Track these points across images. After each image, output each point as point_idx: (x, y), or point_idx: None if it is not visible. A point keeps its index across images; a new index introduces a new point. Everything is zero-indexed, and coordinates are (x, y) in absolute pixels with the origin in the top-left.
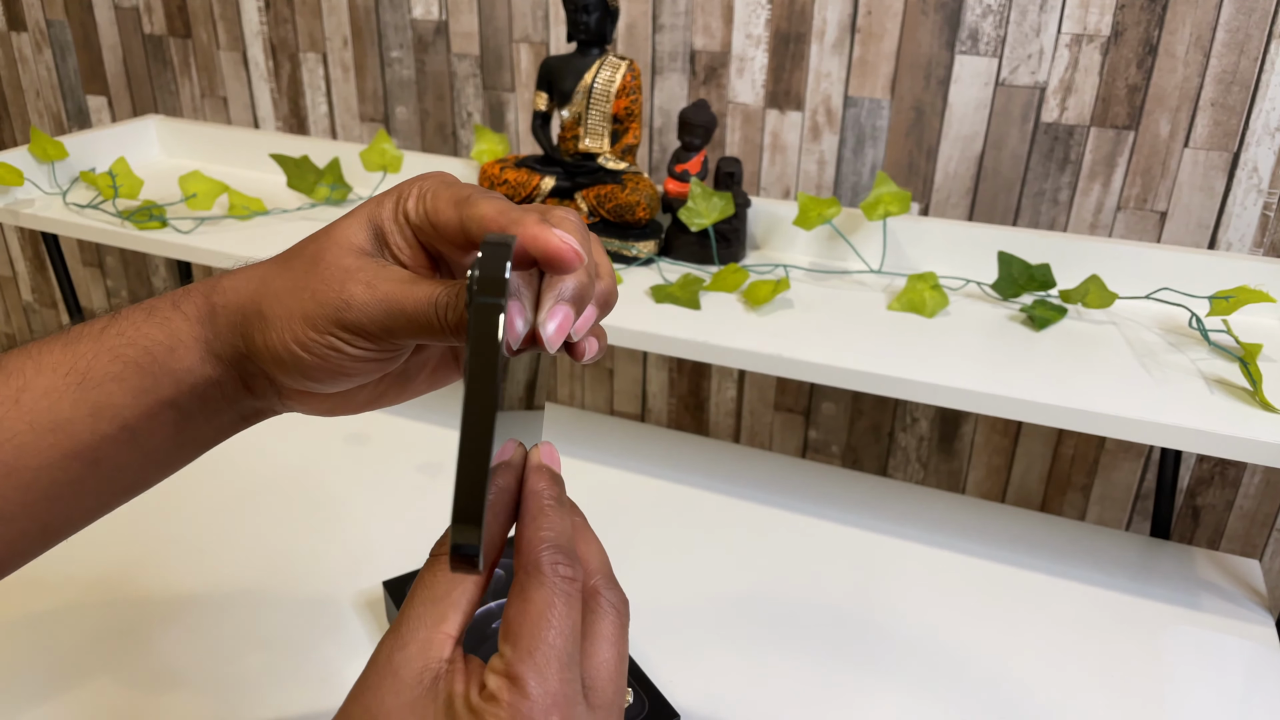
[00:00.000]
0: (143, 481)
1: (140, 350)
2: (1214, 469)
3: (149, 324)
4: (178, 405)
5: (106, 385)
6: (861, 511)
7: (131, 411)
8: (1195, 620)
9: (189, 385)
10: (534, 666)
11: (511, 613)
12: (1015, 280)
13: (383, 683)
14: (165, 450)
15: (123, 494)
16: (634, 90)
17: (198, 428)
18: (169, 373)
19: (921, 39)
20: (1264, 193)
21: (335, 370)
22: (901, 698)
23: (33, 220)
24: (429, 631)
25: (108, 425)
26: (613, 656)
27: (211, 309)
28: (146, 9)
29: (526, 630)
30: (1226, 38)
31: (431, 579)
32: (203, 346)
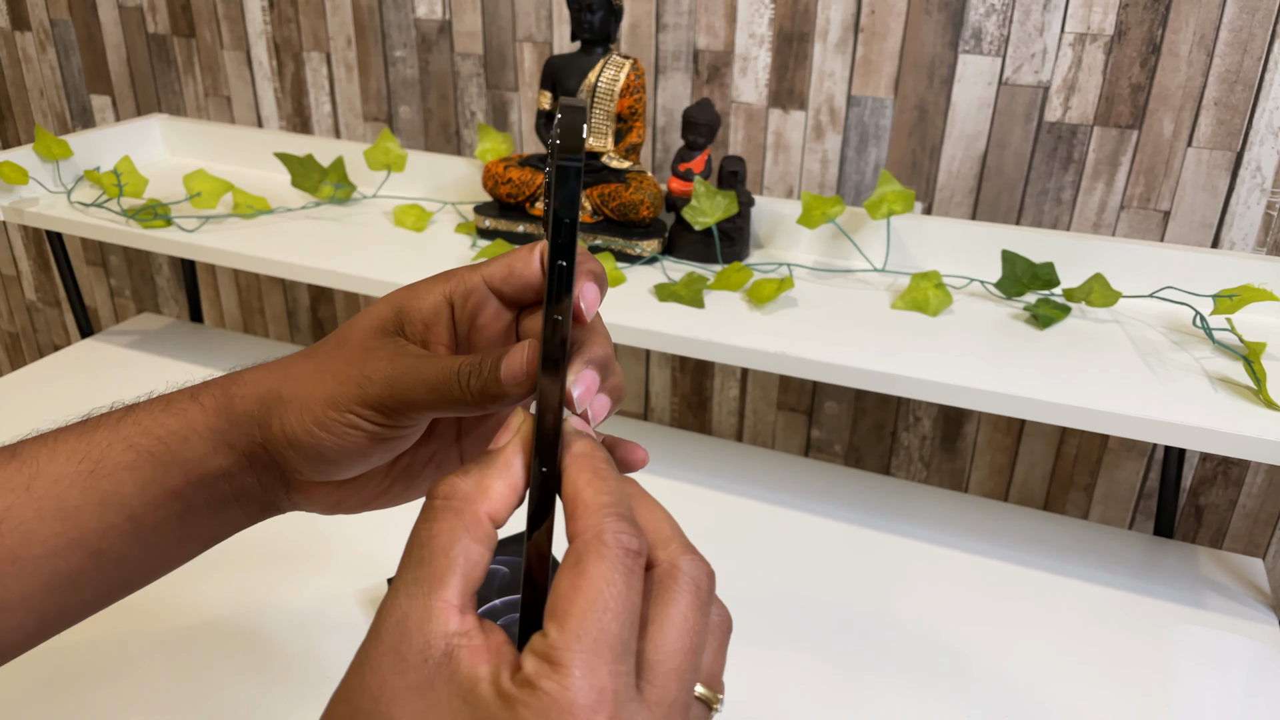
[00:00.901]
0: (141, 577)
1: (154, 440)
2: (1217, 468)
3: (166, 414)
4: (184, 497)
5: (117, 474)
6: (864, 510)
7: (139, 501)
8: (1199, 619)
9: (197, 476)
10: (583, 653)
11: (563, 586)
12: (1019, 279)
13: (383, 660)
14: (167, 544)
15: (120, 589)
16: (638, 89)
17: (201, 522)
18: (180, 463)
19: (925, 38)
20: (1267, 192)
21: (351, 451)
22: (905, 696)
23: (37, 219)
24: (426, 600)
25: (114, 515)
26: (682, 644)
27: (229, 400)
28: (150, 8)
29: (578, 609)
30: (1230, 37)
31: (427, 532)
32: (216, 437)
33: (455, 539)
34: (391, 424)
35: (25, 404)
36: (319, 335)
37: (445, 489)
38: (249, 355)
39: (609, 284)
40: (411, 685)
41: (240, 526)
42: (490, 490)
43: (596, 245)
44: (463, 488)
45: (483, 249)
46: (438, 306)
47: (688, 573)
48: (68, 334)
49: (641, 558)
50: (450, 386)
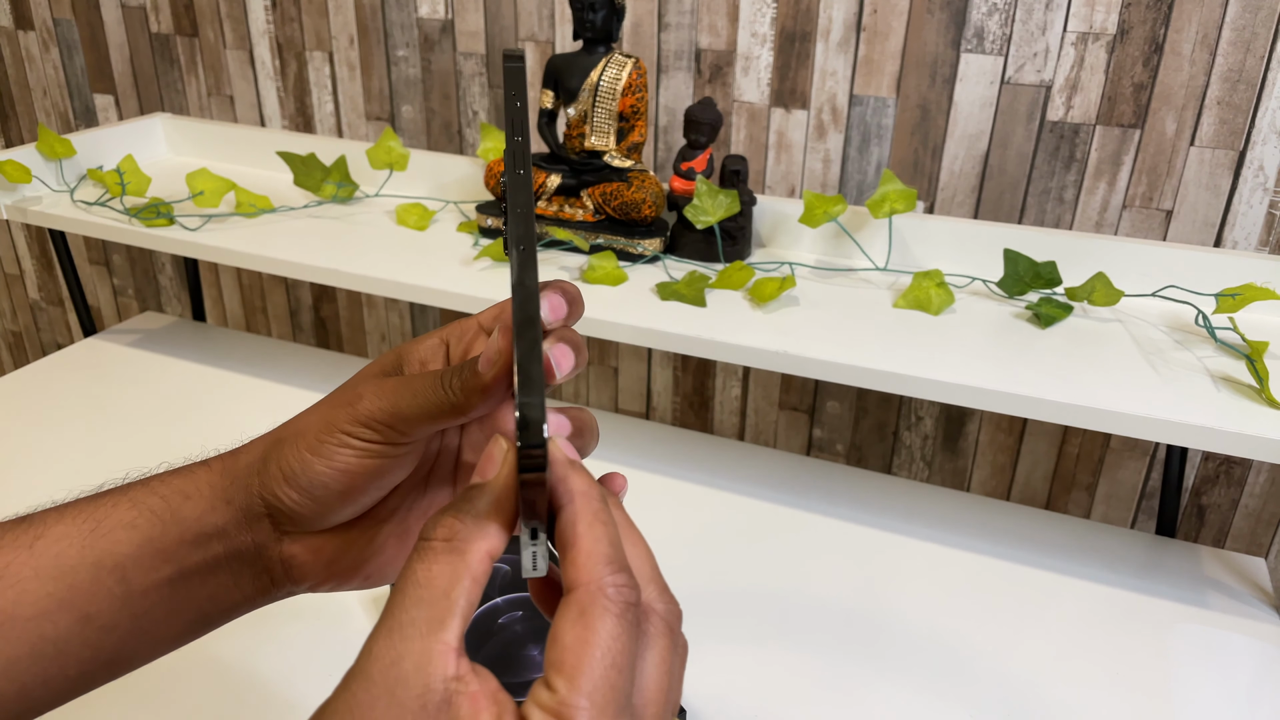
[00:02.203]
0: (128, 654)
1: (158, 497)
2: (1219, 468)
3: (174, 475)
4: (176, 559)
5: (116, 532)
6: (866, 509)
7: (132, 561)
8: (1201, 618)
9: (193, 535)
10: (592, 710)
11: (567, 639)
12: (1021, 278)
13: (376, 703)
14: (155, 614)
15: (106, 667)
16: (640, 88)
17: (191, 590)
18: (178, 520)
19: (927, 37)
20: (1269, 191)
21: (343, 474)
22: (907, 695)
23: (40, 218)
24: (425, 641)
25: (107, 576)
26: (662, 685)
27: (234, 457)
28: (153, 8)
29: (586, 664)
30: (1233, 36)
31: (426, 573)
32: (216, 493)
33: (457, 581)
34: (381, 440)
35: (28, 403)
36: (321, 334)
37: (445, 530)
38: (252, 354)
39: (611, 283)
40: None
41: (232, 603)
42: (488, 530)
43: (599, 244)
44: (462, 529)
45: (485, 248)
46: (434, 347)
47: (664, 617)
48: (71, 333)
49: (638, 608)
50: (434, 390)
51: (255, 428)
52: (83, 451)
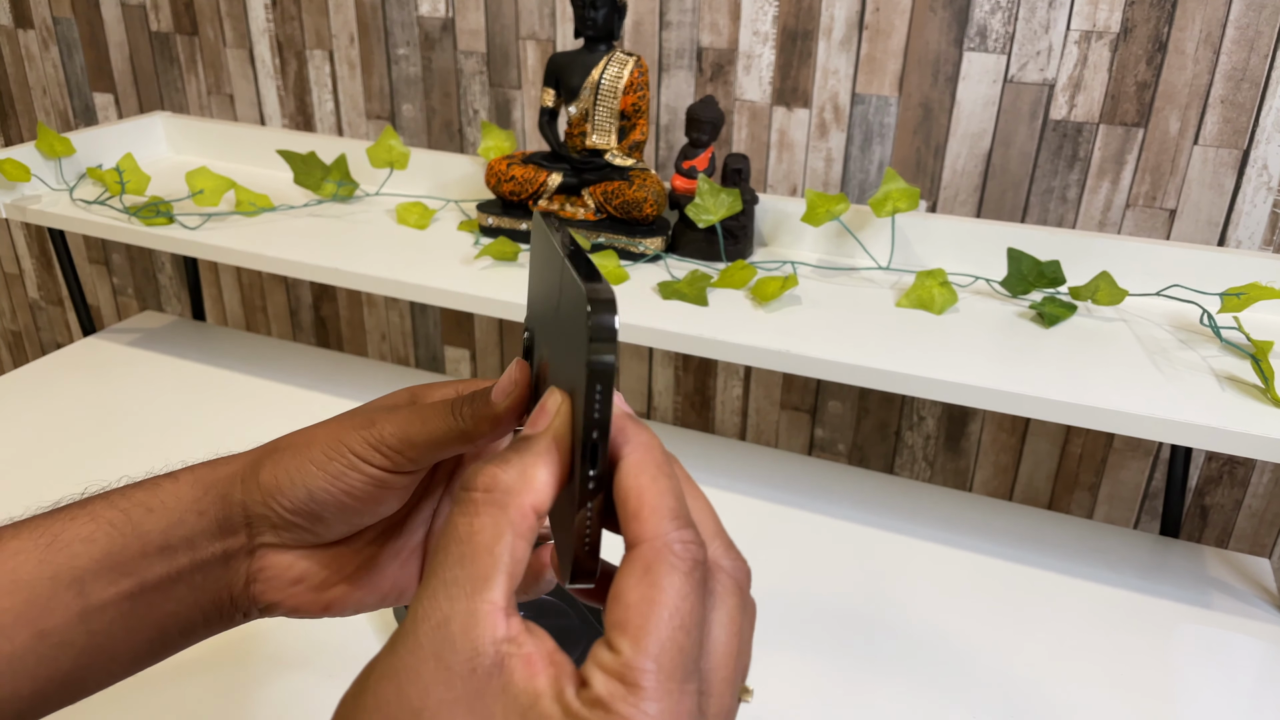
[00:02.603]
0: (83, 676)
1: (118, 511)
2: (1223, 468)
3: (137, 488)
4: (136, 573)
5: (74, 546)
6: (868, 509)
7: (90, 575)
8: (1205, 618)
9: (156, 547)
10: (659, 674)
11: (632, 596)
12: (1025, 277)
13: (422, 668)
14: (114, 631)
15: (61, 689)
16: (641, 86)
17: (150, 604)
18: (139, 534)
19: (929, 36)
20: (1274, 190)
21: (340, 496)
22: (909, 695)
23: (39, 216)
24: (470, 602)
25: (65, 590)
26: (731, 649)
27: (211, 468)
28: (153, 6)
29: (654, 624)
30: (1236, 34)
31: (467, 528)
32: (185, 504)
33: (500, 535)
34: (389, 467)
35: (27, 402)
36: (321, 333)
37: (485, 480)
38: (251, 353)
39: (613, 282)
40: (460, 697)
41: (191, 623)
42: (534, 481)
43: (600, 243)
44: (504, 479)
45: (485, 247)
46: (448, 395)
47: (731, 574)
48: (70, 332)
49: (704, 565)
50: (445, 417)
51: (255, 427)
52: (82, 451)
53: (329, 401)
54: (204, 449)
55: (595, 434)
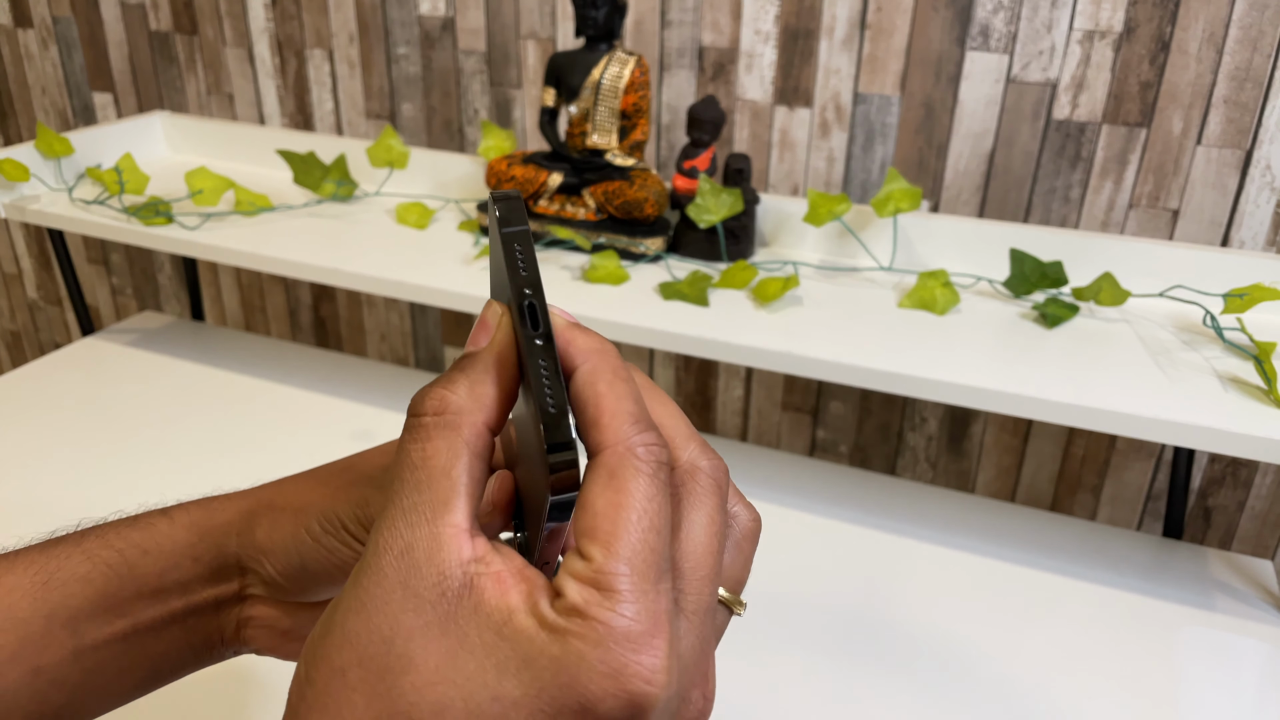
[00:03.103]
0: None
1: (114, 552)
2: (1225, 469)
3: (131, 528)
4: (132, 614)
5: (70, 586)
6: (870, 511)
7: (85, 615)
8: (1208, 620)
9: (151, 590)
10: (633, 576)
11: (599, 503)
12: (1027, 278)
13: (390, 597)
14: (106, 670)
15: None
16: (642, 86)
17: (144, 645)
18: (135, 576)
19: (932, 35)
20: (1277, 190)
21: (333, 569)
22: (911, 697)
23: (39, 216)
24: (432, 527)
25: (59, 629)
26: (711, 547)
27: (207, 513)
28: (153, 6)
29: (623, 529)
30: (1240, 34)
31: (420, 453)
32: (180, 551)
33: (456, 457)
34: None
35: (26, 402)
36: (321, 334)
37: (434, 404)
38: (251, 354)
39: (613, 283)
40: (430, 623)
41: (181, 662)
42: (484, 399)
43: (600, 243)
44: (454, 400)
45: (484, 246)
46: None
47: (710, 474)
48: (69, 332)
49: (668, 467)
50: None
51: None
52: (81, 451)
53: (329, 402)
54: (203, 449)
55: (528, 292)
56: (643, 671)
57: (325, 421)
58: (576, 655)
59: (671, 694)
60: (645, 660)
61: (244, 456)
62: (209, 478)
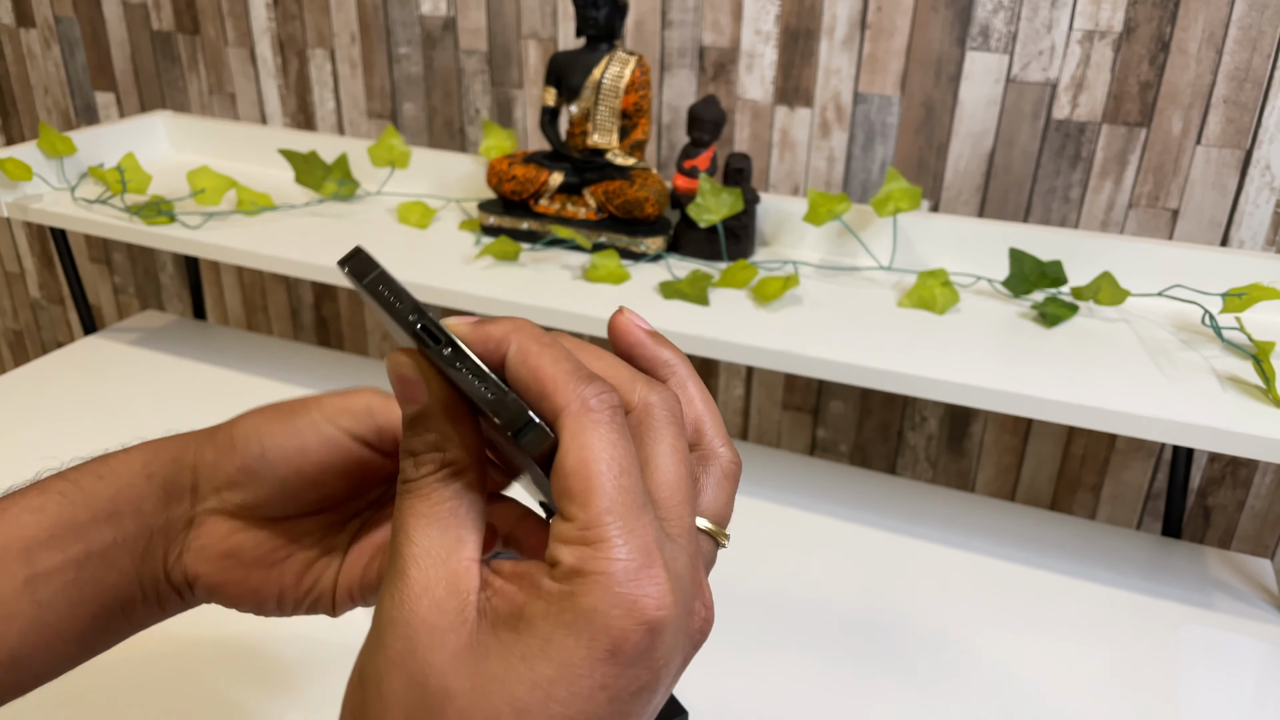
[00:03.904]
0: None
1: (67, 482)
2: (1225, 469)
3: (90, 461)
4: (83, 538)
5: (22, 517)
6: (870, 510)
7: (39, 544)
8: (1207, 619)
9: (104, 513)
10: (616, 521)
11: (569, 463)
12: (1027, 277)
13: (416, 644)
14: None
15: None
16: (643, 86)
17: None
18: (88, 500)
19: (932, 35)
20: (1276, 190)
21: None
22: (910, 696)
23: (41, 215)
24: (447, 564)
25: (12, 559)
26: (681, 472)
27: (170, 438)
28: (155, 5)
29: (596, 481)
30: (1239, 34)
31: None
32: (134, 470)
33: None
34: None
35: (28, 401)
36: (323, 333)
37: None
38: (253, 353)
39: (614, 282)
40: (457, 651)
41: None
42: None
43: (601, 242)
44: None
45: (486, 246)
46: None
47: (661, 406)
48: (71, 331)
49: (622, 410)
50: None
51: None
52: (83, 449)
53: None
54: None
55: (412, 318)
56: (650, 601)
57: None
58: (589, 611)
59: (679, 611)
60: (650, 590)
61: None
62: None
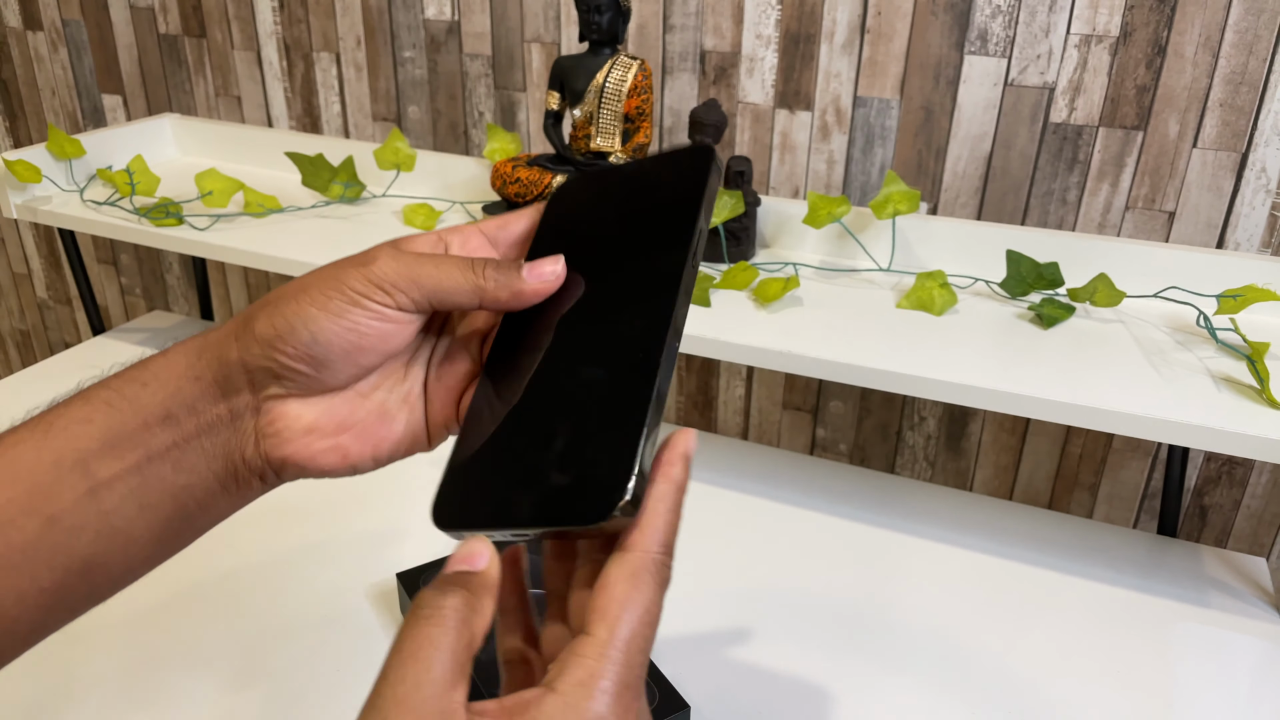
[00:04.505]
0: (101, 558)
1: (111, 390)
2: (1221, 468)
3: (130, 368)
4: (142, 443)
5: (72, 429)
6: (869, 508)
7: (93, 453)
8: (1202, 617)
9: (156, 418)
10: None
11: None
12: (1024, 279)
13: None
14: (126, 509)
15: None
16: (645, 90)
17: (162, 477)
18: (136, 407)
19: (931, 39)
20: (1272, 193)
21: (348, 332)
22: (909, 692)
23: (50, 217)
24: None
25: (69, 472)
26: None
27: (203, 337)
28: (162, 9)
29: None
30: (1235, 38)
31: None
32: (179, 372)
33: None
34: (392, 305)
35: (36, 401)
36: None
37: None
38: None
39: None
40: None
41: (208, 492)
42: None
43: None
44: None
45: None
46: (432, 243)
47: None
48: (79, 332)
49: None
50: (463, 270)
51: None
52: None
53: None
54: None
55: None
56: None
57: None
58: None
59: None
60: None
61: None
62: None
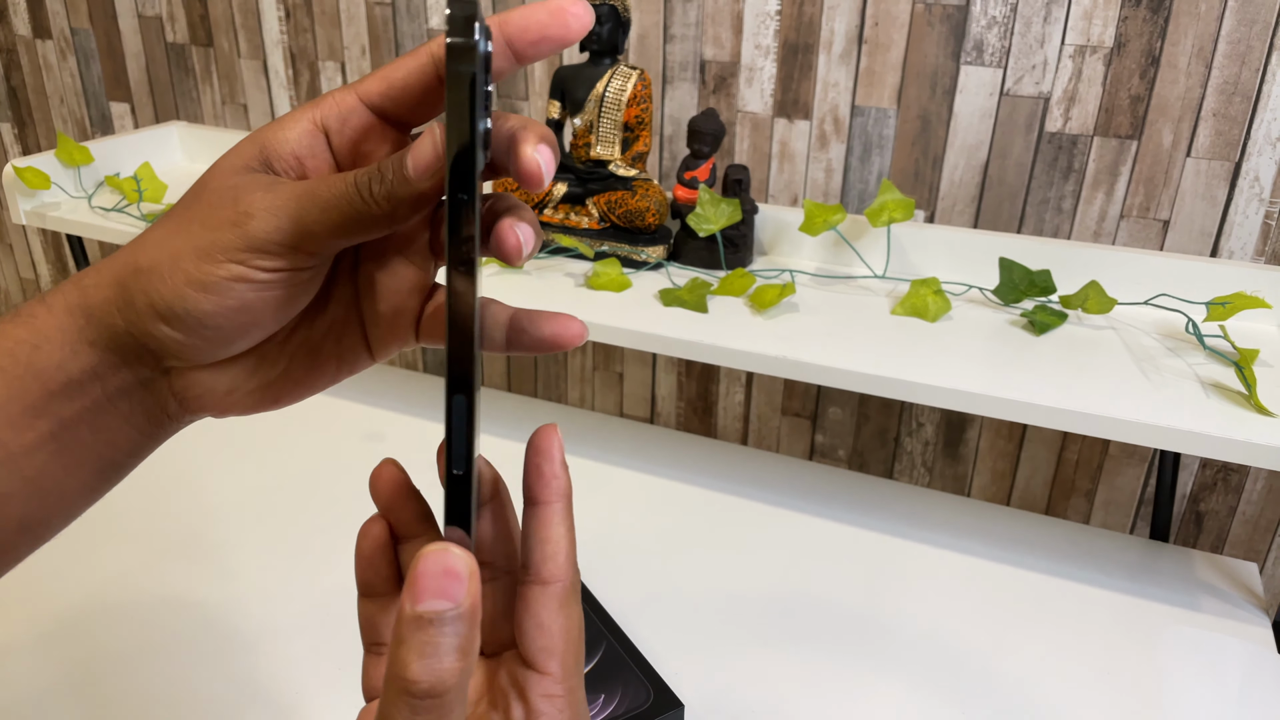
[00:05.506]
0: (38, 520)
1: (3, 355)
2: (1217, 475)
3: (13, 324)
4: (50, 412)
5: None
6: (867, 513)
7: (3, 424)
8: (1193, 621)
9: (59, 385)
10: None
11: (555, 628)
12: (1016, 286)
13: None
14: (51, 472)
15: (21, 535)
16: (645, 99)
17: (80, 440)
18: (35, 373)
19: (927, 50)
20: (1265, 202)
21: (237, 311)
22: (905, 695)
23: (59, 223)
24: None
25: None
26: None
27: (82, 293)
28: (169, 18)
29: (570, 646)
30: (1228, 49)
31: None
32: (71, 337)
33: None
34: (284, 266)
35: None
36: None
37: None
38: None
39: (615, 290)
40: None
41: (133, 444)
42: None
43: (603, 251)
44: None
45: None
46: (308, 135)
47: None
48: None
49: None
50: (349, 200)
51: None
52: None
53: (339, 405)
54: (211, 447)
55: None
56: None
57: (335, 425)
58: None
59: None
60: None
61: (254, 458)
62: (218, 478)
